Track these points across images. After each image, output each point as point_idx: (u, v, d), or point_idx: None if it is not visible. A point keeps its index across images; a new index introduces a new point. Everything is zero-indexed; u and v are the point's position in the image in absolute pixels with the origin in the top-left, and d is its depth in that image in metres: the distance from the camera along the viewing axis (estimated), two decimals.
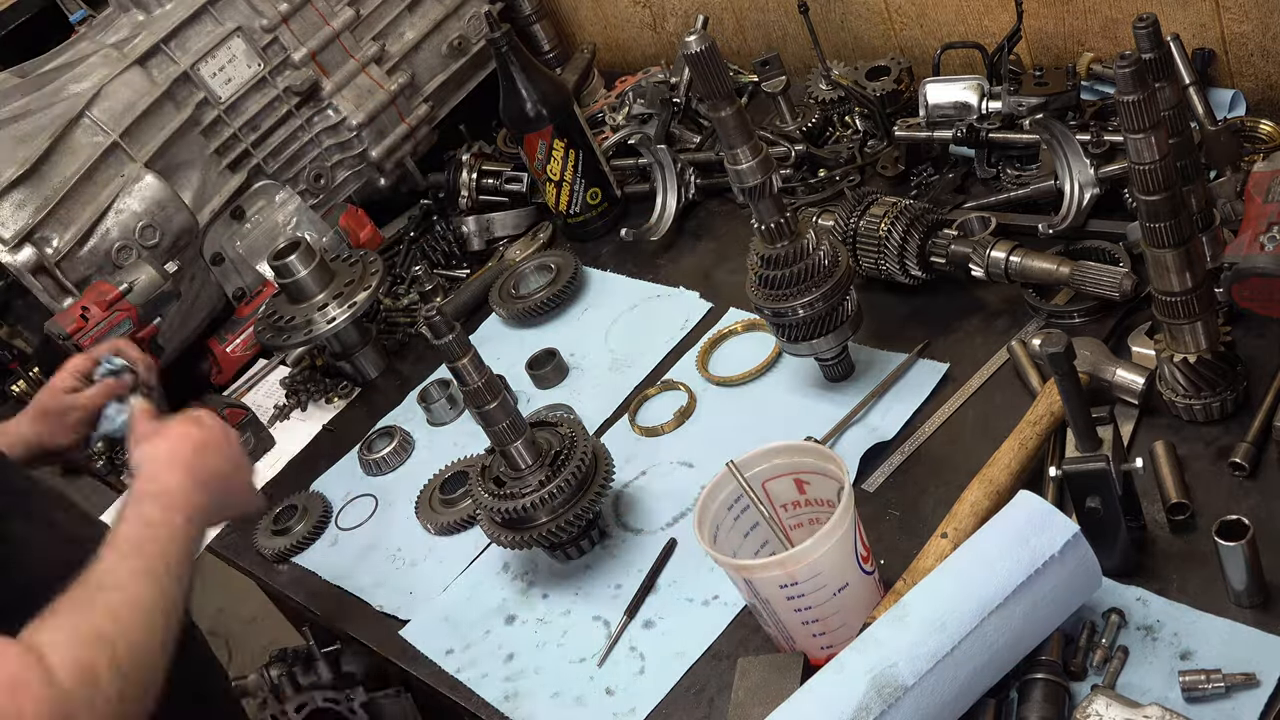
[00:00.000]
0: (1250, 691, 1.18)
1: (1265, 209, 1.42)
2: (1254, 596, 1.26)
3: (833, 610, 1.35)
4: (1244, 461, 1.37)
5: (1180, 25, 1.88)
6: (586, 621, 1.62)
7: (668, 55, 2.66)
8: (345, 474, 2.07)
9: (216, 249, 2.40)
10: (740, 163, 1.51)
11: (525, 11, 2.81)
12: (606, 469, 1.68)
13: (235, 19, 2.39)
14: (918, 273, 1.78)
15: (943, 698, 1.21)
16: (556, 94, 2.23)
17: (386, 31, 2.60)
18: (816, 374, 1.78)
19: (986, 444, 1.49)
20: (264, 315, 2.21)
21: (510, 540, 1.64)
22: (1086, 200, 1.76)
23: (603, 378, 2.01)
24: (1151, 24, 1.34)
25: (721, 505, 1.43)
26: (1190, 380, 1.43)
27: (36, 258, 2.15)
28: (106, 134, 2.24)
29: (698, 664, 1.50)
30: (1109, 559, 1.31)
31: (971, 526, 1.38)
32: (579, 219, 2.32)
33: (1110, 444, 1.31)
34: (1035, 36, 2.08)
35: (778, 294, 1.63)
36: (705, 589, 1.57)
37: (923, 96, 1.99)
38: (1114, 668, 1.26)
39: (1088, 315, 1.67)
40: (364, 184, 2.63)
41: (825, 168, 2.13)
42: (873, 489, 1.60)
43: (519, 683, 1.58)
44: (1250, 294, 1.40)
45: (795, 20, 2.29)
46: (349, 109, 2.52)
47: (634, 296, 2.15)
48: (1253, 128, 1.80)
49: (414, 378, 2.21)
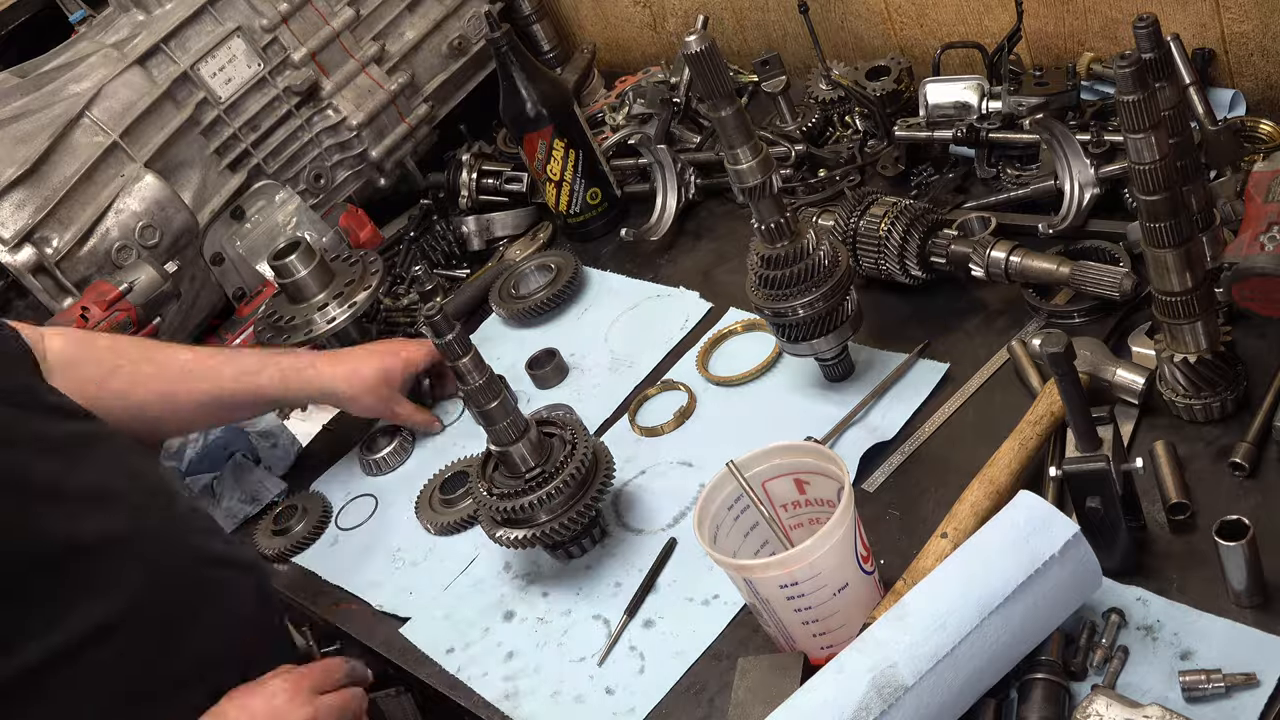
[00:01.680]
0: (1250, 691, 1.18)
1: (1265, 209, 1.42)
2: (1254, 596, 1.26)
3: (833, 610, 1.35)
4: (1244, 461, 1.37)
5: (1180, 25, 1.88)
6: (586, 620, 1.62)
7: (668, 55, 2.66)
8: (345, 474, 2.07)
9: (216, 249, 2.40)
10: (740, 163, 1.51)
11: (525, 11, 2.81)
12: (606, 469, 1.68)
13: (235, 19, 2.39)
14: (918, 273, 1.78)
15: (943, 698, 1.21)
16: (556, 94, 2.23)
17: (386, 31, 2.60)
18: (816, 374, 1.78)
19: (986, 444, 1.49)
20: (264, 315, 2.21)
21: (510, 540, 1.64)
22: (1086, 200, 1.76)
23: (603, 378, 2.01)
24: (1151, 24, 1.34)
25: (721, 505, 1.43)
26: (1190, 380, 1.43)
27: (36, 258, 2.15)
28: (106, 134, 2.24)
29: (698, 663, 1.50)
30: (1109, 559, 1.30)
31: (971, 526, 1.38)
32: (579, 219, 2.32)
33: (1110, 444, 1.31)
34: (1035, 36, 2.08)
35: (778, 294, 1.63)
36: (705, 589, 1.57)
37: (923, 96, 1.99)
38: (1114, 668, 1.26)
39: (1088, 315, 1.67)
40: (364, 184, 2.63)
41: (825, 168, 2.13)
42: (873, 489, 1.60)
43: (519, 681, 1.58)
44: (1250, 294, 1.40)
45: (795, 20, 2.29)
46: (349, 109, 2.52)
47: (634, 296, 2.15)
48: (1253, 128, 1.80)
49: None
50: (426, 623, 1.72)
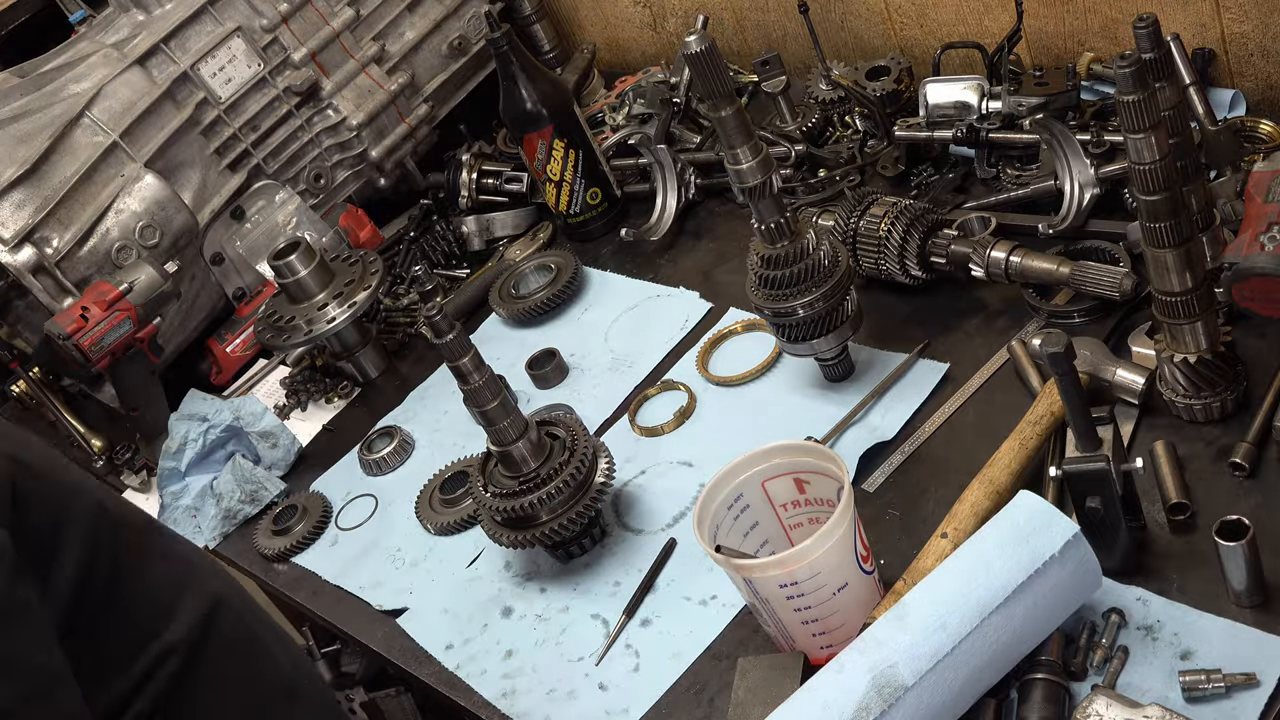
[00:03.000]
0: (1250, 691, 1.18)
1: (1265, 209, 1.42)
2: (1254, 596, 1.26)
3: (832, 610, 1.35)
4: (1244, 461, 1.37)
5: (1180, 25, 1.88)
6: (585, 619, 1.62)
7: (668, 55, 2.66)
8: (345, 474, 2.07)
9: (216, 249, 2.40)
10: (740, 163, 1.51)
11: (525, 11, 2.81)
12: (607, 469, 1.68)
13: (235, 19, 2.39)
14: (918, 273, 1.78)
15: (943, 698, 1.21)
16: (556, 94, 2.23)
17: (386, 31, 2.59)
18: (816, 374, 1.78)
19: (986, 444, 1.49)
20: (264, 315, 2.21)
21: (511, 540, 1.64)
22: (1086, 200, 1.76)
23: (603, 378, 2.01)
24: (1151, 24, 1.34)
25: (721, 505, 1.43)
26: (1190, 380, 1.43)
27: (36, 258, 2.15)
28: (106, 134, 2.24)
29: (697, 664, 1.50)
30: (1109, 559, 1.31)
31: (971, 526, 1.38)
32: (579, 219, 2.32)
33: (1110, 444, 1.31)
34: (1035, 36, 2.08)
35: (778, 294, 1.63)
36: (704, 589, 1.57)
37: (923, 96, 1.99)
38: (1114, 668, 1.26)
39: (1088, 315, 1.67)
40: (364, 184, 2.63)
41: (825, 168, 2.13)
42: (873, 489, 1.60)
43: (516, 680, 1.58)
44: (1250, 294, 1.40)
45: (795, 20, 2.29)
46: (349, 109, 2.52)
47: (634, 296, 2.15)
48: (1253, 128, 1.79)
49: (414, 378, 2.21)
50: (425, 617, 1.72)
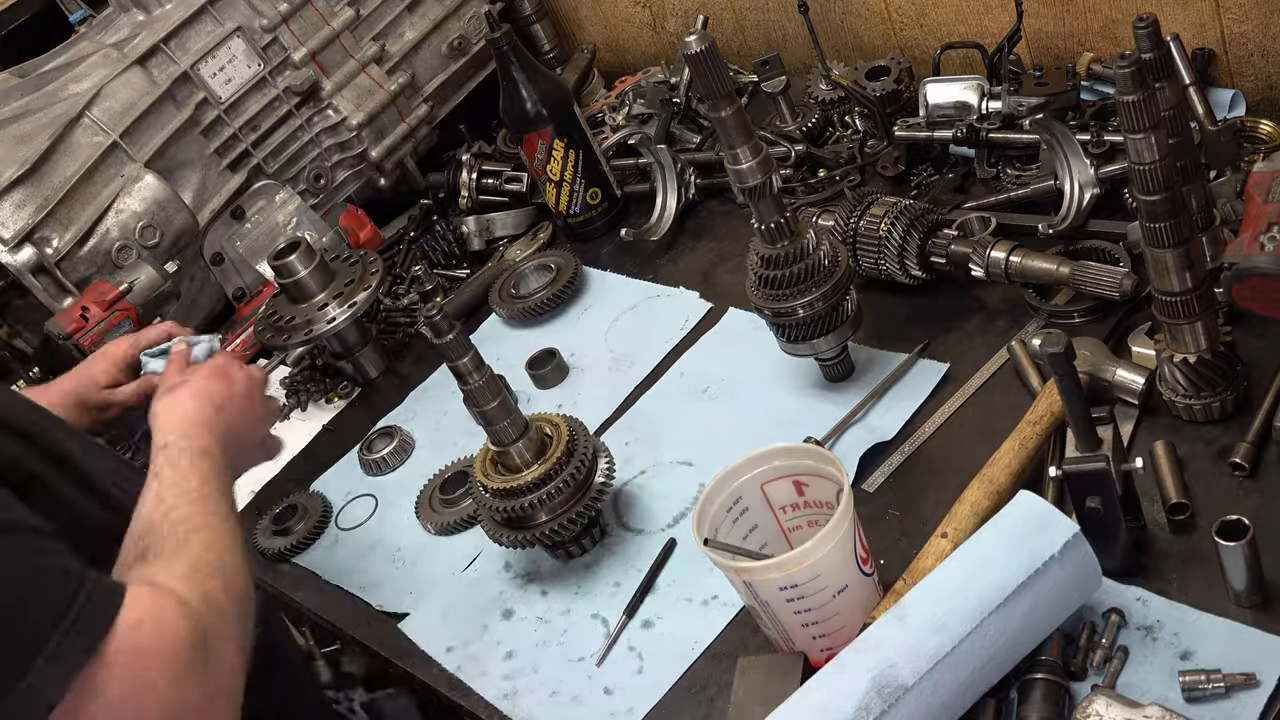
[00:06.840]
0: (1250, 691, 1.18)
1: (1265, 209, 1.42)
2: (1254, 596, 1.26)
3: (832, 612, 1.35)
4: (1244, 461, 1.37)
5: (1180, 25, 1.88)
6: (585, 620, 1.62)
7: (668, 55, 2.66)
8: (345, 474, 2.07)
9: (216, 249, 2.40)
10: (740, 163, 1.51)
11: (525, 11, 2.81)
12: (606, 469, 1.68)
13: (235, 19, 2.39)
14: (918, 273, 1.78)
15: (943, 698, 1.21)
16: (556, 94, 2.23)
17: (386, 31, 2.60)
18: (816, 374, 1.78)
19: (986, 444, 1.49)
20: (264, 315, 2.21)
21: (511, 540, 1.64)
22: (1086, 200, 1.76)
23: (603, 378, 2.01)
24: (1151, 24, 1.34)
25: (720, 508, 1.43)
26: (1190, 380, 1.43)
27: (36, 258, 2.15)
28: (106, 134, 2.24)
29: (697, 664, 1.50)
30: (1109, 559, 1.30)
31: (971, 526, 1.38)
32: (579, 219, 2.32)
33: (1110, 444, 1.31)
34: (1035, 36, 2.08)
35: (778, 294, 1.63)
36: (704, 589, 1.57)
37: (923, 96, 1.99)
38: (1114, 668, 1.26)
39: (1088, 315, 1.67)
40: (364, 184, 2.63)
41: (825, 168, 2.13)
42: (873, 489, 1.60)
43: (517, 681, 1.58)
44: (1250, 294, 1.40)
45: (795, 20, 2.29)
46: (349, 109, 2.52)
47: (634, 296, 2.15)
48: (1253, 128, 1.80)
49: (414, 378, 2.20)
50: (425, 619, 1.72)
